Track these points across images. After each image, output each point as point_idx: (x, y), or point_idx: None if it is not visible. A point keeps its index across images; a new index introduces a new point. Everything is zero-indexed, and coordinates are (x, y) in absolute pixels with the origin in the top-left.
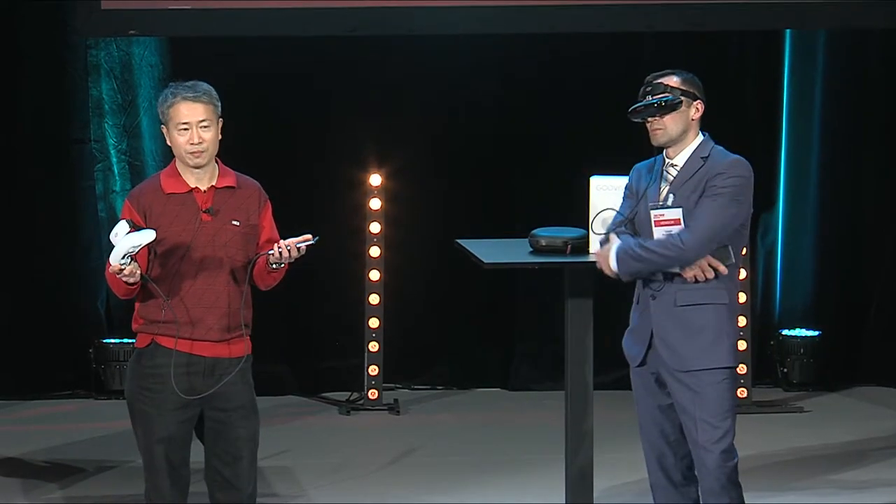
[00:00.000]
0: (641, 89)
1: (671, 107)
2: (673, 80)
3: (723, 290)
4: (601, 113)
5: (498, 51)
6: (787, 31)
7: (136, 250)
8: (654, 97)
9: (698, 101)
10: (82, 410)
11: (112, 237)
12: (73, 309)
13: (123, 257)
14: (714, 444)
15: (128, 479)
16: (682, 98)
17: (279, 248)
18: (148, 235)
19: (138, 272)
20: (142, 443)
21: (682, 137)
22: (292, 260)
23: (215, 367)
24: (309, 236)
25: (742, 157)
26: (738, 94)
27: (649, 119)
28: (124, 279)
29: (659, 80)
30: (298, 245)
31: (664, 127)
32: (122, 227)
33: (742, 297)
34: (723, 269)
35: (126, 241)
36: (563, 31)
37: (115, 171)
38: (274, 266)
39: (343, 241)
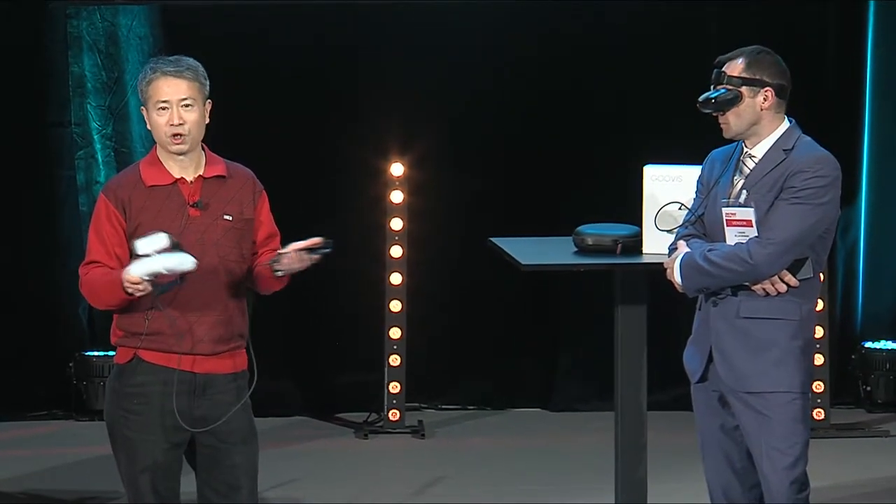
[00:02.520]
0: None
1: (728, 102)
2: (736, 67)
3: (794, 304)
4: (656, 91)
5: (535, 18)
6: None
7: (166, 273)
8: (714, 90)
9: (767, 87)
10: (60, 433)
11: (140, 245)
12: (51, 317)
13: (150, 274)
14: (783, 473)
15: None
16: (743, 89)
17: (288, 257)
18: (188, 262)
19: (147, 293)
20: (125, 472)
21: (754, 130)
22: (303, 269)
23: (207, 386)
24: (319, 240)
25: (829, 154)
26: (814, 69)
27: (714, 113)
28: (129, 292)
29: (722, 69)
30: (312, 255)
31: (728, 122)
32: (159, 239)
33: (819, 304)
34: (794, 282)
35: (162, 260)
36: None
37: (99, 158)
38: (279, 274)
39: (359, 239)
